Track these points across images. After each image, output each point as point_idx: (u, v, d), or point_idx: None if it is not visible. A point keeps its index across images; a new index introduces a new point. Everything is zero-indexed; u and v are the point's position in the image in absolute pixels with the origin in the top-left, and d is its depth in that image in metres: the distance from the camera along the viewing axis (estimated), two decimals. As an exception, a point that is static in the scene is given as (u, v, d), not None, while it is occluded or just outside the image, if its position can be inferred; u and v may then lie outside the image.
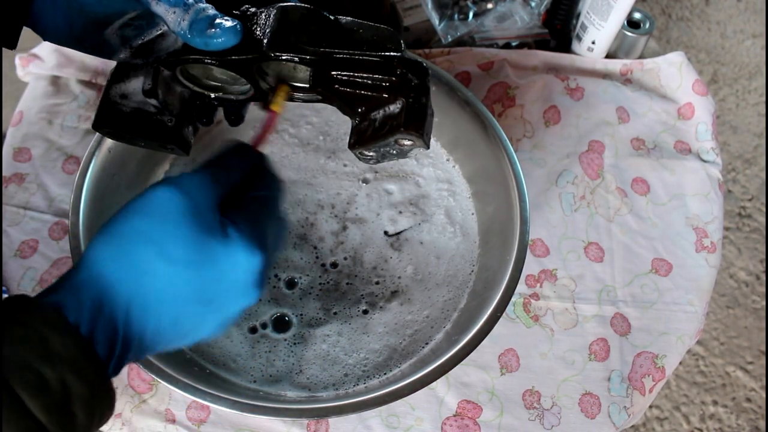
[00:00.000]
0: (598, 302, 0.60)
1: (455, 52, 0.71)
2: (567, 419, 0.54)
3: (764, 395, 1.22)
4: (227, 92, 0.40)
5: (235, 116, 0.43)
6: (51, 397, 0.26)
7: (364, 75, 0.35)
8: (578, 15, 0.74)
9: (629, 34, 0.72)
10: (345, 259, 0.56)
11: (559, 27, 0.76)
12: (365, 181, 0.60)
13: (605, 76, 0.73)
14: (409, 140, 0.34)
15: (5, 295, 0.58)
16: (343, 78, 0.35)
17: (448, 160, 0.62)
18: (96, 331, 0.29)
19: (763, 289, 1.33)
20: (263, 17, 0.35)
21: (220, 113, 0.44)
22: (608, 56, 0.74)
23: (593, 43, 0.72)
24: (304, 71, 0.37)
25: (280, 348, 0.52)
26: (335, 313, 0.54)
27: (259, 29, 0.35)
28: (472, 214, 0.59)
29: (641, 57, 0.75)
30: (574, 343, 0.58)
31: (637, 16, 0.73)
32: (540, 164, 0.67)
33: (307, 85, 0.37)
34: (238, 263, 0.32)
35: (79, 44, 0.38)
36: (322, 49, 0.34)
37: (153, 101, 0.37)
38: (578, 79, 0.72)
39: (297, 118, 0.64)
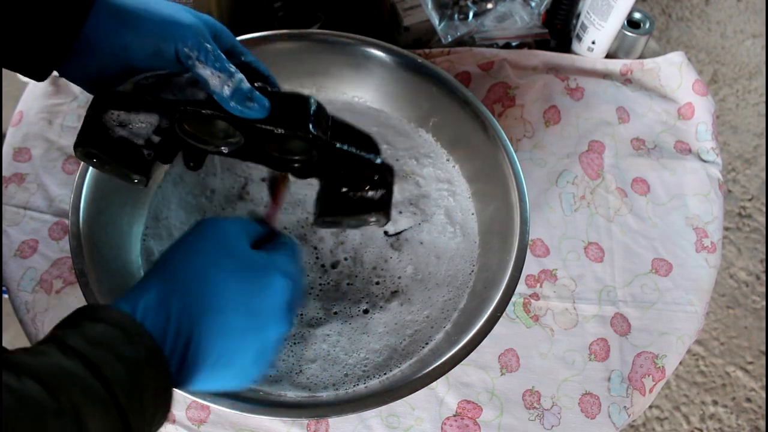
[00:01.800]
0: (598, 302, 0.60)
1: (455, 52, 0.71)
2: (567, 419, 0.54)
3: (764, 395, 1.22)
4: (209, 144, 0.43)
5: (196, 162, 0.45)
6: (129, 387, 0.29)
7: (362, 167, 0.42)
8: (578, 15, 0.74)
9: (629, 34, 0.72)
10: (345, 259, 0.56)
11: (559, 27, 0.76)
12: (365, 181, 0.60)
13: (605, 76, 0.73)
14: (376, 218, 0.44)
15: (5, 296, 0.58)
16: (345, 163, 0.42)
17: (448, 160, 0.62)
18: (170, 351, 0.33)
19: (763, 289, 1.33)
20: (285, 99, 0.41)
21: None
22: (608, 56, 0.75)
23: (593, 43, 0.72)
24: (305, 147, 0.42)
25: (280, 348, 0.52)
26: (335, 313, 0.54)
27: (283, 107, 0.40)
28: (472, 214, 0.59)
29: (641, 57, 0.75)
30: (574, 343, 0.58)
31: (637, 16, 0.73)
32: (540, 164, 0.67)
33: (298, 157, 0.43)
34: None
35: (94, 86, 0.40)
36: (332, 140, 0.41)
37: (156, 138, 0.40)
38: (578, 79, 0.72)
39: (297, 118, 0.64)
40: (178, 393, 0.44)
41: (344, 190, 0.43)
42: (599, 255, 0.62)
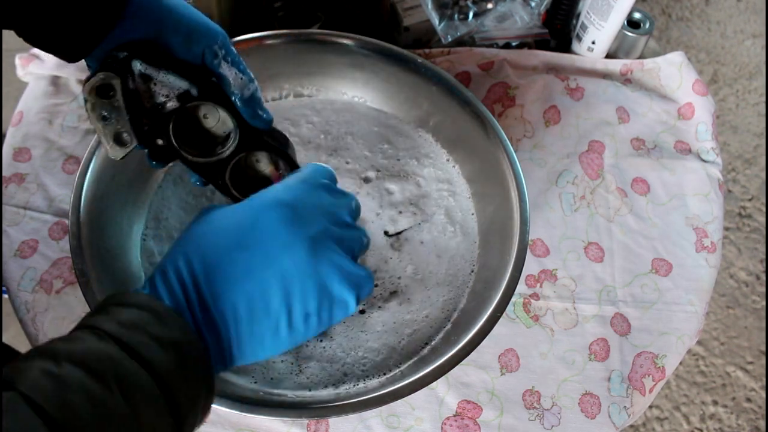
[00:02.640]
0: (598, 302, 0.60)
1: (455, 52, 0.71)
2: (567, 419, 0.54)
3: (764, 395, 1.22)
4: (198, 150, 0.43)
5: (160, 161, 0.43)
6: (167, 366, 0.29)
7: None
8: (578, 15, 0.74)
9: (629, 34, 0.72)
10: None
11: (559, 27, 0.76)
12: (366, 180, 0.60)
13: (605, 76, 0.73)
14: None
15: (5, 296, 0.58)
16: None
17: (448, 160, 0.62)
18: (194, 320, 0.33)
19: (763, 289, 1.33)
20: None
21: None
22: (608, 56, 0.74)
23: (593, 43, 0.72)
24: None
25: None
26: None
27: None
28: (472, 214, 0.59)
29: (641, 57, 0.75)
30: (574, 343, 0.58)
31: (637, 16, 0.73)
32: (540, 164, 0.67)
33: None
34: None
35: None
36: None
37: (173, 104, 0.39)
38: (578, 79, 0.72)
39: (297, 117, 0.64)
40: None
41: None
42: (599, 255, 0.62)
